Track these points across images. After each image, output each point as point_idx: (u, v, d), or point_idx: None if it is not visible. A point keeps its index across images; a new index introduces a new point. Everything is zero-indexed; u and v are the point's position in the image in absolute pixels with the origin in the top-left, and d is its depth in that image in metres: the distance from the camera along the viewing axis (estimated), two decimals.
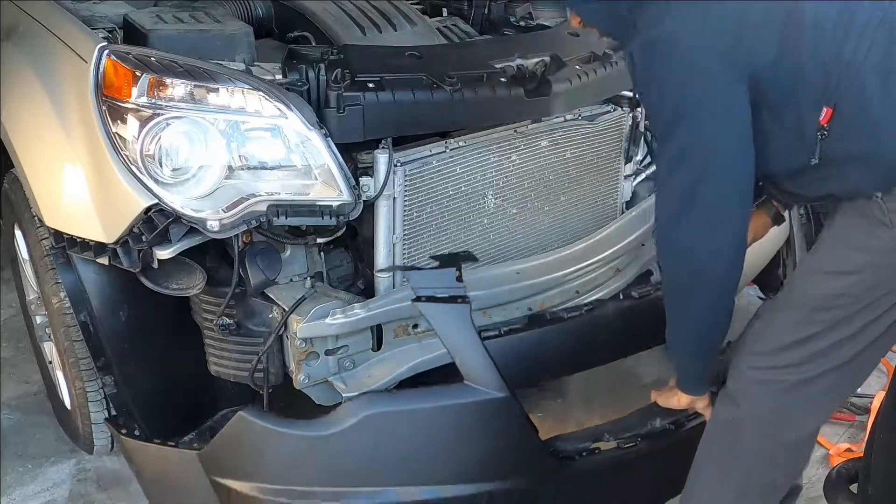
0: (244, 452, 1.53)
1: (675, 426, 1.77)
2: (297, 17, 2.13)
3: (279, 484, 1.52)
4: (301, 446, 1.52)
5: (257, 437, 1.52)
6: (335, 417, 1.51)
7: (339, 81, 1.63)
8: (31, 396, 2.36)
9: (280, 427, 1.51)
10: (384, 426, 1.51)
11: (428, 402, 1.54)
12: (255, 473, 1.53)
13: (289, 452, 1.53)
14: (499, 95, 1.77)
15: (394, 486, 1.53)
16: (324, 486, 1.52)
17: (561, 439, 1.73)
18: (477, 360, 1.54)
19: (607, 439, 1.73)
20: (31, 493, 2.03)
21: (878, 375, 2.65)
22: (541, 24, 2.32)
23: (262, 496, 1.52)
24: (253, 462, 1.54)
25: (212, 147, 1.53)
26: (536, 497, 1.67)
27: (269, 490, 1.51)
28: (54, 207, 1.66)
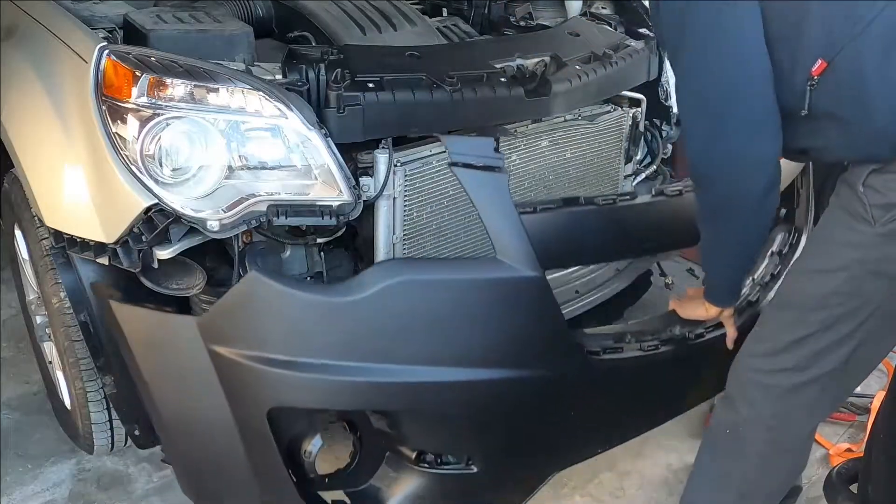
0: (251, 318, 1.39)
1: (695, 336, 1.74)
2: (297, 17, 2.13)
3: (288, 355, 1.39)
4: (318, 313, 1.39)
5: (268, 301, 1.38)
6: (357, 283, 1.38)
7: (339, 81, 1.63)
8: (31, 396, 2.36)
9: (296, 290, 1.37)
10: (409, 297, 1.40)
11: (457, 274, 1.44)
12: (262, 342, 1.39)
13: (303, 320, 1.39)
14: (499, 95, 1.77)
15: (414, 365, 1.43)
16: (339, 359, 1.40)
17: (586, 335, 1.66)
18: (512, 234, 1.44)
19: (629, 340, 1.69)
20: (31, 493, 2.03)
21: (879, 375, 2.65)
22: (541, 24, 2.32)
23: (266, 368, 1.38)
24: (260, 329, 1.39)
25: (212, 147, 1.53)
26: (559, 389, 1.58)
27: (276, 361, 1.38)
28: (54, 207, 1.66)
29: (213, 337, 1.43)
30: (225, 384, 1.43)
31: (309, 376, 1.40)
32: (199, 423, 1.51)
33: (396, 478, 1.59)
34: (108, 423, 1.90)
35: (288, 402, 1.44)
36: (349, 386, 1.42)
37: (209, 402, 1.45)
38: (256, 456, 1.49)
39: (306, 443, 1.53)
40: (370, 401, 1.47)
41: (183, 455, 1.60)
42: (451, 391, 1.47)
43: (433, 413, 1.51)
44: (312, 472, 1.54)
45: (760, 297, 1.90)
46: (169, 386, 1.51)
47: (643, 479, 2.17)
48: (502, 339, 1.49)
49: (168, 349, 1.48)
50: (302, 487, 1.54)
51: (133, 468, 2.12)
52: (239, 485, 1.55)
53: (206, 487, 1.63)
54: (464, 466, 1.59)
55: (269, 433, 1.45)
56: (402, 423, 1.53)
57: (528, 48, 1.95)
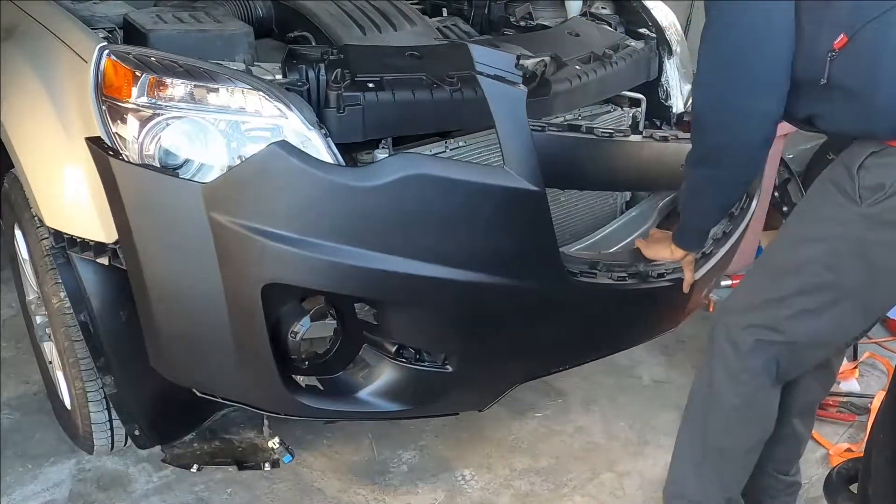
0: (264, 190, 1.39)
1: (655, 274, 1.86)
2: (297, 17, 2.13)
3: (292, 231, 1.39)
4: (332, 194, 1.40)
5: (285, 176, 1.38)
6: (374, 170, 1.41)
7: (339, 81, 1.63)
8: (31, 396, 2.36)
9: (314, 169, 1.38)
10: (421, 190, 1.43)
11: (468, 176, 1.48)
12: (269, 216, 1.39)
13: (316, 199, 1.40)
14: None
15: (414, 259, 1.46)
16: (343, 243, 1.41)
17: (567, 256, 1.74)
18: (521, 148, 1.49)
19: (601, 269, 1.78)
20: (31, 493, 2.03)
21: (879, 375, 2.66)
22: (541, 24, 2.32)
23: (269, 242, 1.38)
24: (271, 203, 1.39)
25: (212, 147, 1.53)
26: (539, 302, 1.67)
27: (281, 237, 1.38)
28: (54, 207, 1.66)
29: (218, 205, 1.41)
30: (221, 255, 1.42)
31: (312, 255, 1.40)
32: (186, 293, 1.50)
33: (371, 370, 1.63)
34: (108, 423, 1.90)
35: (286, 279, 1.44)
36: (349, 271, 1.43)
37: (200, 273, 1.44)
38: (242, 332, 1.48)
39: (294, 324, 1.52)
40: (366, 288, 1.49)
41: (161, 326, 1.56)
42: (441, 289, 1.51)
43: (421, 309, 1.55)
44: (296, 353, 1.55)
45: (713, 252, 2.01)
46: (159, 252, 1.48)
47: (643, 479, 2.17)
48: (497, 247, 1.54)
49: (165, 213, 1.46)
50: (281, 368, 1.55)
51: (133, 468, 2.12)
52: (218, 360, 1.55)
53: (183, 362, 1.61)
54: (440, 365, 1.64)
55: (260, 309, 1.45)
56: (390, 316, 1.56)
57: (528, 48, 1.95)
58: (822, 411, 2.43)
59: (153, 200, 1.47)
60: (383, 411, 1.66)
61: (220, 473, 2.10)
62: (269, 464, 1.90)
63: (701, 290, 2.07)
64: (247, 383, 1.58)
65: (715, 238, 2.06)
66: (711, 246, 2.03)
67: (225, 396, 1.64)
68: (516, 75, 1.50)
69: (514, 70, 1.50)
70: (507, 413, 2.38)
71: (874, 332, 2.91)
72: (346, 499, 2.06)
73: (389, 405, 1.65)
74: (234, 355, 1.52)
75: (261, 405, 1.65)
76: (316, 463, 2.15)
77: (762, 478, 1.93)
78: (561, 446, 2.28)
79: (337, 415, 1.73)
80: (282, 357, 1.55)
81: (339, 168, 1.43)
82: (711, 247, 2.03)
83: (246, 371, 1.55)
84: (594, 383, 2.54)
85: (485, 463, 2.20)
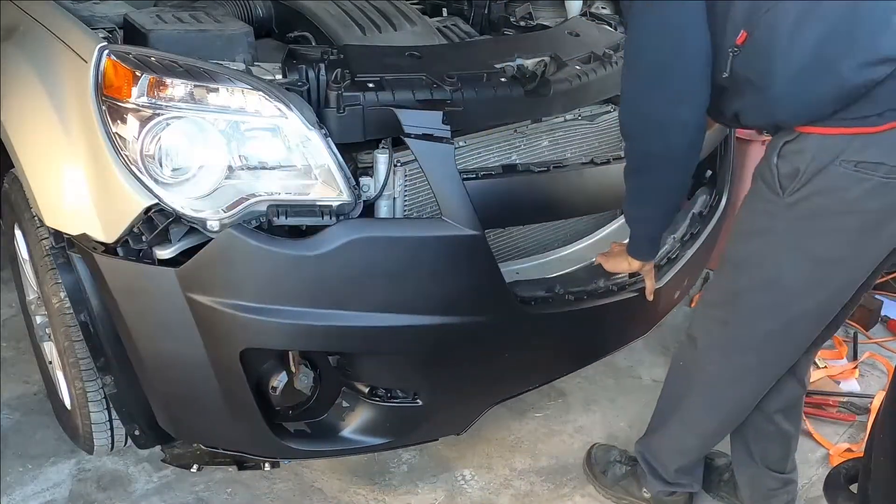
0: (227, 270, 1.53)
1: (616, 287, 1.94)
2: (297, 17, 2.13)
3: (258, 302, 1.53)
4: (286, 266, 1.53)
5: (242, 255, 1.52)
6: (320, 239, 1.53)
7: (339, 81, 1.63)
8: (31, 396, 2.36)
9: (266, 245, 1.51)
10: (365, 251, 1.55)
11: (408, 232, 1.60)
12: (236, 291, 1.53)
13: (272, 271, 1.54)
14: (499, 95, 1.77)
15: (370, 312, 1.58)
16: (303, 306, 1.55)
17: (519, 285, 1.83)
18: (456, 197, 1.60)
19: (558, 290, 1.86)
20: (31, 493, 2.03)
21: (879, 375, 2.66)
22: (541, 24, 2.32)
23: (239, 314, 1.53)
24: (234, 280, 1.53)
25: (212, 147, 1.53)
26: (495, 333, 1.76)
27: (248, 308, 1.53)
28: (54, 207, 1.66)
29: (191, 286, 1.54)
30: (201, 328, 1.56)
31: (277, 321, 1.55)
32: (178, 363, 1.63)
33: (351, 410, 1.77)
34: (108, 423, 1.90)
35: (258, 343, 1.59)
36: (312, 330, 1.57)
37: (187, 345, 1.58)
38: (229, 391, 1.63)
39: (273, 379, 1.68)
40: (330, 343, 1.63)
41: (162, 393, 1.72)
42: (400, 335, 1.64)
43: (384, 354, 1.68)
44: (278, 404, 1.70)
45: (680, 255, 2.08)
46: (149, 331, 1.63)
47: None
48: (446, 290, 1.65)
49: (149, 298, 1.59)
50: (268, 418, 1.69)
51: (133, 468, 2.12)
52: (213, 417, 1.70)
53: (184, 421, 1.76)
54: (410, 400, 1.76)
55: (241, 371, 1.59)
56: (357, 363, 1.71)
57: (528, 48, 1.95)
58: (821, 411, 2.43)
59: (136, 287, 1.60)
60: (368, 446, 1.79)
61: (220, 473, 2.10)
62: (269, 464, 1.90)
63: (672, 293, 2.12)
64: (241, 435, 1.73)
65: (683, 241, 2.12)
66: (678, 249, 2.10)
67: (226, 448, 1.78)
68: (444, 130, 1.60)
69: (442, 126, 1.60)
70: (507, 413, 2.38)
71: (874, 332, 2.91)
72: (346, 499, 2.06)
73: (372, 440, 1.78)
74: (227, 412, 1.67)
75: (257, 453, 1.79)
76: (316, 463, 2.15)
77: (760, 477, 1.95)
78: (561, 446, 2.28)
79: (325, 454, 1.86)
80: (267, 408, 1.69)
81: (289, 241, 1.54)
82: (678, 250, 2.10)
83: (238, 425, 1.69)
84: (594, 383, 2.55)
85: (485, 463, 2.20)
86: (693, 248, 2.14)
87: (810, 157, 1.44)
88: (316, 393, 1.73)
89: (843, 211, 1.46)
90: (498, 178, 1.72)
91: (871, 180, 1.42)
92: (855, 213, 1.46)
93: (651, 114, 1.51)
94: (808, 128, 1.44)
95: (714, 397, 1.81)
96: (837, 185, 1.44)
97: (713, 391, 1.80)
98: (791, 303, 1.58)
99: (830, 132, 1.42)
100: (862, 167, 1.42)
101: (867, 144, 1.41)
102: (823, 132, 1.43)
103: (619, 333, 2.12)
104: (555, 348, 1.96)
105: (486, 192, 1.68)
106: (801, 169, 1.46)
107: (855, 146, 1.41)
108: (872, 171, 1.41)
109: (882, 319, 2.97)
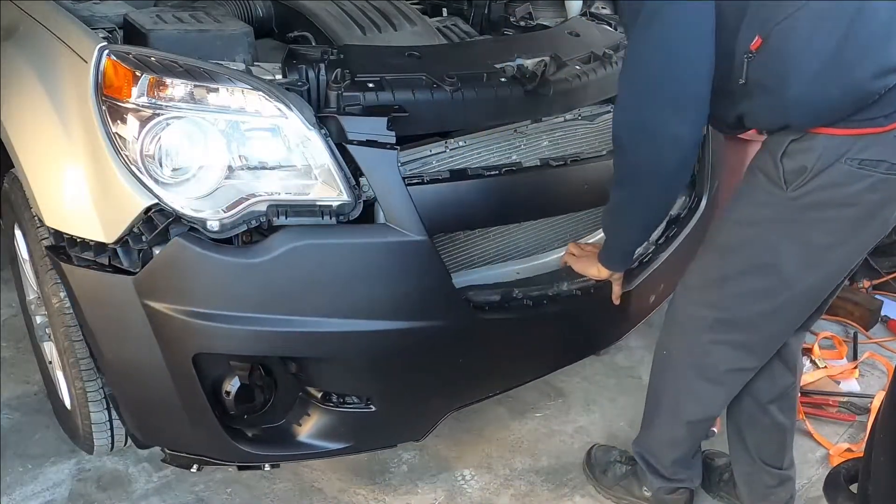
0: (177, 277, 1.55)
1: (581, 292, 1.92)
2: (297, 17, 2.13)
3: (209, 308, 1.55)
4: (232, 272, 1.55)
5: (192, 262, 1.54)
6: (265, 246, 1.54)
7: (339, 81, 1.63)
8: (31, 396, 2.36)
9: (212, 252, 1.52)
10: (309, 258, 1.56)
11: (351, 238, 1.59)
12: (187, 297, 1.56)
13: (220, 278, 1.56)
14: (499, 95, 1.77)
15: (316, 317, 1.59)
16: (251, 312, 1.56)
17: (473, 290, 1.81)
18: (399, 203, 1.60)
19: (517, 295, 1.84)
20: (31, 493, 2.03)
21: (879, 375, 2.66)
22: (541, 24, 2.32)
23: (191, 320, 1.55)
24: (186, 286, 1.56)
25: (212, 147, 1.53)
26: (446, 339, 1.75)
27: (198, 314, 1.54)
28: (54, 207, 1.66)
29: (146, 293, 1.56)
30: (157, 334, 1.59)
31: (226, 326, 1.56)
32: (138, 368, 1.66)
33: (307, 415, 1.76)
34: (108, 423, 1.90)
35: (209, 348, 1.60)
36: (260, 335, 1.59)
37: (145, 350, 1.61)
38: (186, 396, 1.65)
39: (226, 384, 1.68)
40: (278, 348, 1.63)
41: (127, 397, 1.76)
42: (347, 340, 1.63)
43: (334, 359, 1.67)
44: (233, 409, 1.70)
45: (653, 258, 2.09)
46: (112, 337, 1.66)
47: None
48: (392, 296, 1.65)
49: (109, 304, 1.62)
50: (225, 423, 1.70)
51: (133, 468, 2.12)
52: (173, 422, 1.71)
53: (148, 425, 1.79)
54: (363, 405, 1.75)
55: (194, 375, 1.61)
56: (308, 368, 1.70)
57: (528, 48, 1.95)
58: (821, 411, 2.43)
59: (98, 294, 1.63)
60: (325, 451, 1.78)
61: (220, 473, 2.10)
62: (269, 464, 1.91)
63: (645, 298, 2.13)
64: (200, 440, 1.74)
65: (657, 244, 2.11)
66: (651, 253, 2.10)
67: (189, 452, 1.78)
68: (389, 136, 1.60)
69: (386, 132, 1.60)
70: (507, 413, 2.39)
71: (874, 332, 2.91)
72: (346, 499, 2.06)
73: (329, 445, 1.77)
74: (185, 417, 1.68)
75: (216, 457, 1.78)
76: (316, 463, 2.15)
77: (757, 473, 1.95)
78: (561, 446, 2.28)
79: (282, 458, 1.85)
80: (225, 413, 1.70)
81: (234, 249, 1.55)
82: (651, 254, 2.10)
83: (197, 429, 1.70)
84: (594, 383, 2.55)
85: (485, 463, 2.20)
86: (668, 251, 2.12)
87: (817, 156, 1.47)
88: (272, 398, 1.73)
89: (844, 203, 1.50)
90: (446, 183, 1.71)
91: (873, 176, 1.46)
92: (854, 205, 1.50)
93: (645, 124, 1.49)
94: (817, 128, 1.47)
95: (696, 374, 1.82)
96: (840, 181, 1.48)
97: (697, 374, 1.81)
98: (785, 286, 1.61)
99: (838, 133, 1.46)
100: (864, 164, 1.46)
101: (871, 143, 1.45)
102: (832, 133, 1.46)
103: (585, 341, 2.10)
104: (513, 355, 1.94)
105: (435, 197, 1.68)
106: (808, 167, 1.48)
107: (860, 145, 1.45)
108: (874, 168, 1.46)
109: (882, 319, 2.98)
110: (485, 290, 1.83)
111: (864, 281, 3.10)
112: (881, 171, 1.46)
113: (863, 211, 1.51)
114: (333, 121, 1.59)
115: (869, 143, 1.45)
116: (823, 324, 2.94)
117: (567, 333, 2.00)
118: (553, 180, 1.85)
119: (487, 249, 1.92)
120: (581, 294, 1.93)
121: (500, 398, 2.41)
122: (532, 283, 1.93)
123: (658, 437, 1.97)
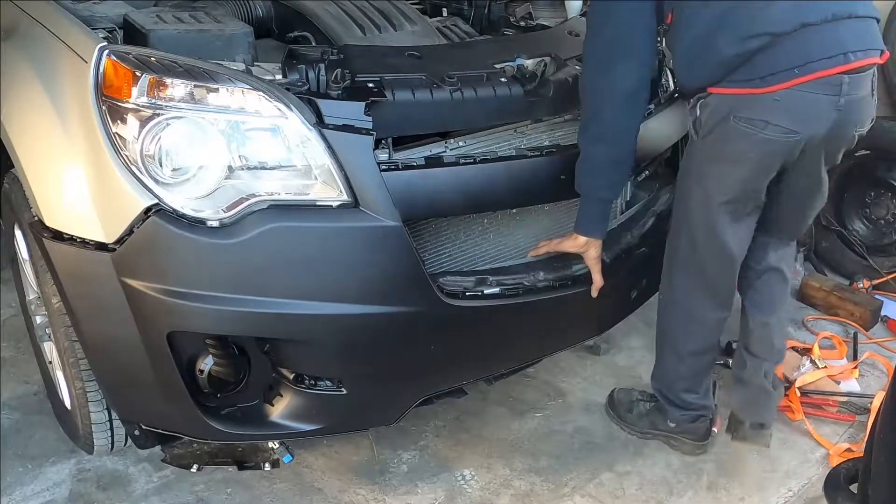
0: (154, 255, 1.57)
1: (557, 282, 1.94)
2: (297, 17, 2.13)
3: (183, 287, 1.57)
4: (206, 252, 1.56)
5: (167, 241, 1.55)
6: (240, 227, 1.55)
7: (339, 81, 1.63)
8: (31, 396, 2.36)
9: (188, 232, 1.54)
10: (281, 240, 1.57)
11: (324, 222, 1.60)
12: (163, 276, 1.57)
13: (194, 257, 1.58)
14: (499, 95, 1.77)
15: (287, 299, 1.60)
16: (224, 292, 1.58)
17: (447, 277, 1.82)
18: (373, 189, 1.61)
19: (490, 284, 1.85)
20: (31, 493, 2.03)
21: (879, 375, 2.65)
22: (541, 24, 2.32)
23: (166, 298, 1.56)
24: (161, 265, 1.58)
25: (212, 147, 1.53)
26: (416, 324, 1.76)
27: (173, 292, 1.56)
28: (54, 207, 1.66)
29: (124, 270, 1.58)
30: (134, 311, 1.60)
31: (199, 306, 1.58)
32: (116, 344, 1.68)
33: (279, 396, 1.78)
34: (108, 423, 1.90)
35: (183, 326, 1.62)
36: (233, 315, 1.60)
37: (122, 327, 1.63)
38: (160, 372, 1.67)
39: (200, 362, 1.70)
40: (251, 328, 1.65)
41: (105, 374, 1.78)
42: (320, 323, 1.65)
43: (305, 341, 1.69)
44: (206, 387, 1.72)
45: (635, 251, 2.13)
46: (91, 312, 1.68)
47: (643, 479, 2.17)
48: (363, 280, 1.66)
49: (88, 280, 1.64)
50: (198, 400, 1.72)
51: (133, 468, 2.12)
52: (149, 398, 1.74)
53: (124, 400, 1.81)
54: (335, 388, 1.77)
55: (168, 353, 1.63)
56: (281, 349, 1.72)
57: (528, 48, 1.95)
58: (821, 411, 2.43)
59: (78, 270, 1.65)
60: (297, 431, 1.80)
61: (220, 473, 2.10)
62: (269, 464, 1.91)
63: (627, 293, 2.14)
64: (175, 416, 1.75)
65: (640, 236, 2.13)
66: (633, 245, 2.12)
67: (164, 428, 1.80)
68: (365, 121, 1.61)
69: (363, 117, 1.61)
70: (507, 413, 2.38)
71: (874, 332, 2.91)
72: (346, 499, 2.06)
73: (302, 426, 1.78)
74: (160, 393, 1.70)
75: (190, 433, 1.81)
76: (316, 463, 2.15)
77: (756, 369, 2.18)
78: (561, 446, 2.28)
79: (255, 437, 1.87)
80: (197, 390, 1.71)
81: (208, 229, 1.56)
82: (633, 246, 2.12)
83: (171, 406, 1.72)
84: (594, 383, 2.55)
85: (485, 463, 2.20)
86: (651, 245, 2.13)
87: (710, 111, 1.78)
88: (245, 378, 1.75)
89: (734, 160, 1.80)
90: (421, 170, 1.71)
91: (756, 136, 1.73)
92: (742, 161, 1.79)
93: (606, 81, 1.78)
94: (711, 88, 1.77)
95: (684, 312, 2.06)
96: (730, 136, 1.76)
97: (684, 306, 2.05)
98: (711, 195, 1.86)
99: (725, 91, 1.75)
100: (749, 123, 1.73)
101: (752, 103, 1.72)
102: (720, 91, 1.76)
103: (562, 332, 2.10)
104: (486, 344, 1.94)
105: (410, 184, 1.68)
106: (704, 119, 1.80)
107: (743, 104, 1.73)
108: (759, 128, 1.72)
109: (882, 319, 2.97)
110: (458, 278, 1.84)
111: (864, 281, 3.09)
112: (763, 130, 1.72)
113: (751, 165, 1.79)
114: (311, 104, 1.60)
115: (750, 103, 1.71)
116: (823, 324, 2.95)
117: (544, 324, 2.00)
118: (529, 169, 1.86)
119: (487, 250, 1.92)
120: (556, 285, 1.94)
121: (501, 398, 2.42)
122: (507, 272, 1.93)
123: (666, 370, 2.18)
